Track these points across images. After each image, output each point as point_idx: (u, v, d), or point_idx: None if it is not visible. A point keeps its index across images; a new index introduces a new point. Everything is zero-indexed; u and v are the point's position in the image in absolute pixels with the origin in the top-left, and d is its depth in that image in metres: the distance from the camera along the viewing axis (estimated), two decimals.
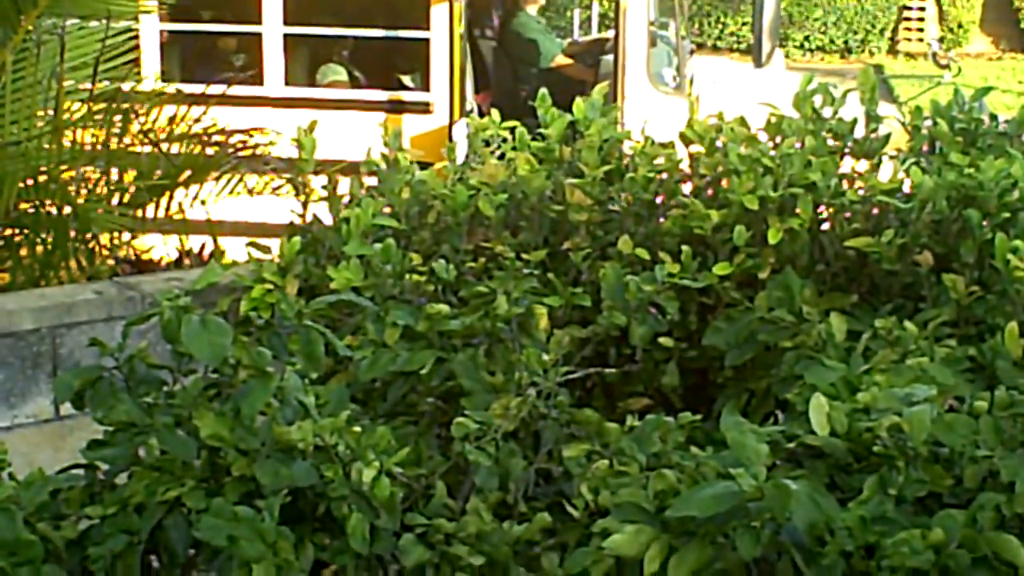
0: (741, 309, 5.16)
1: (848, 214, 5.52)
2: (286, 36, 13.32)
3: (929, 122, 6.21)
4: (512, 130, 6.37)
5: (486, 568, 3.73)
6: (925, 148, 6.18)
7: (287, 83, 13.28)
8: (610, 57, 13.44)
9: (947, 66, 19.92)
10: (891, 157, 6.01)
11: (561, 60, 14.58)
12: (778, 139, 5.98)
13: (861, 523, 3.32)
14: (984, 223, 5.24)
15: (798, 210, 5.37)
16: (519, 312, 4.77)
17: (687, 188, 5.92)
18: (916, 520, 3.41)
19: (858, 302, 5.28)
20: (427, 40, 13.13)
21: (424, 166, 6.26)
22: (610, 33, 15.08)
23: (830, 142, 5.99)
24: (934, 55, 22.56)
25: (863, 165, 5.98)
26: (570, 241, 5.61)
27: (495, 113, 6.64)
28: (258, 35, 13.31)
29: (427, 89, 13.25)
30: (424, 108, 12.94)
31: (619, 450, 3.92)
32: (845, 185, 5.62)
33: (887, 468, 3.58)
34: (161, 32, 13.30)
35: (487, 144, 6.45)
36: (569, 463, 4.03)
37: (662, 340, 5.13)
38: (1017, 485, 3.50)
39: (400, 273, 5.11)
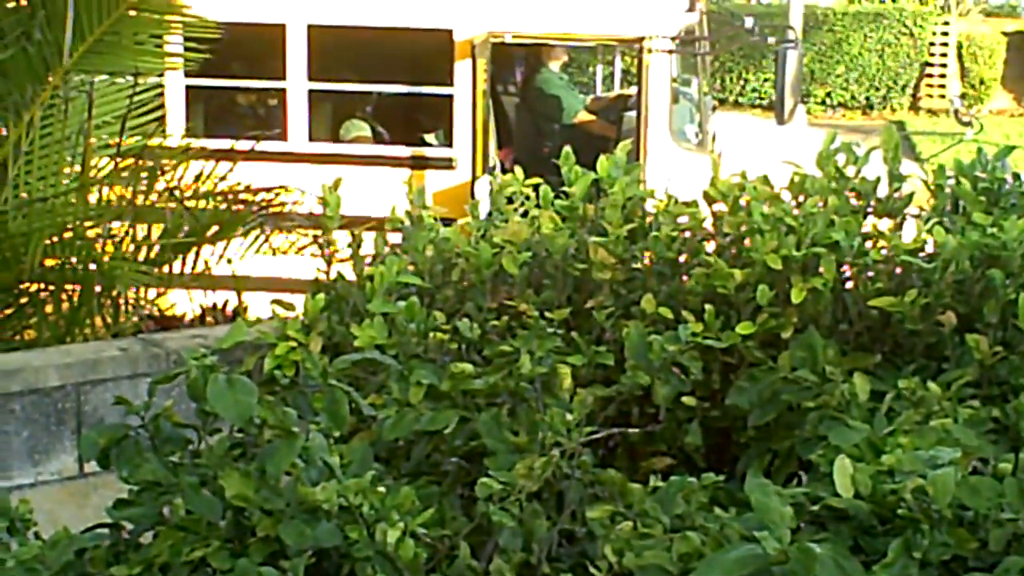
0: (764, 369, 5.15)
1: (871, 274, 5.53)
2: (311, 92, 13.41)
3: (952, 181, 6.22)
4: (536, 187, 6.39)
5: None
6: (948, 207, 6.19)
7: (311, 139, 13.35)
8: (632, 113, 13.50)
9: (969, 123, 19.91)
10: (914, 216, 6.02)
11: (584, 116, 14.63)
12: (801, 198, 5.98)
13: None
14: (1007, 283, 5.24)
15: (821, 269, 5.37)
16: (543, 371, 4.78)
17: (710, 247, 5.93)
18: None
19: (881, 362, 5.26)
20: (450, 96, 13.21)
21: (447, 222, 6.28)
22: (632, 89, 15.12)
23: (853, 201, 6.00)
24: (956, 112, 22.51)
25: (886, 224, 5.99)
26: (593, 300, 5.61)
27: (518, 169, 6.66)
28: (282, 90, 13.39)
29: (450, 145, 13.31)
30: (447, 164, 13.00)
31: (642, 511, 3.91)
32: (868, 244, 5.62)
33: (912, 531, 3.57)
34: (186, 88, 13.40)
35: (510, 201, 6.46)
36: (593, 524, 4.03)
37: (685, 400, 5.12)
38: None
39: (424, 331, 5.12)
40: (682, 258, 5.82)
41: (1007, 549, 3.55)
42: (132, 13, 7.61)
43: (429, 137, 14.07)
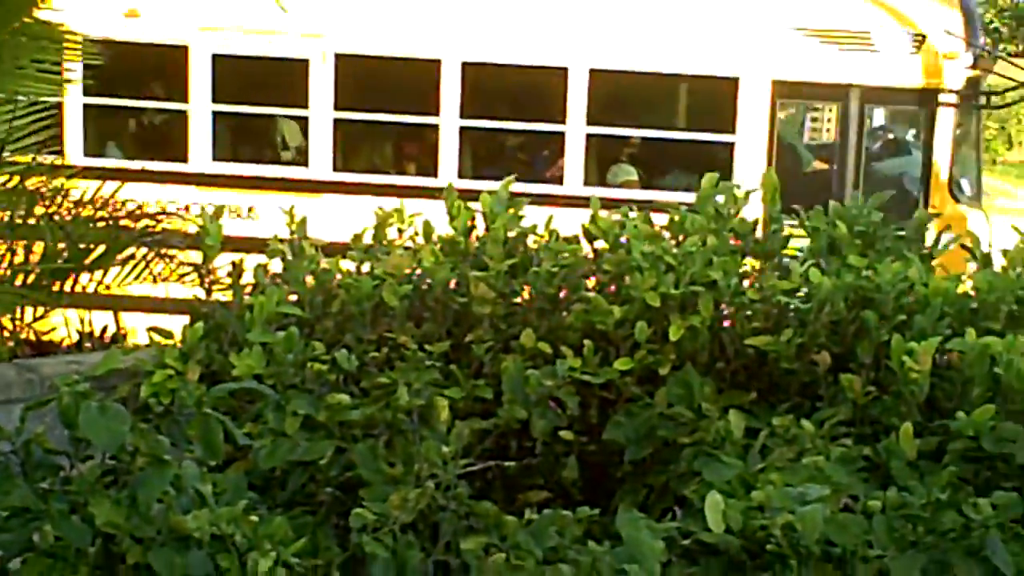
0: (641, 404, 5.19)
1: (748, 313, 5.56)
2: (588, 136, 13.41)
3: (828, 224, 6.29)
4: (424, 221, 6.37)
5: None
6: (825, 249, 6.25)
7: (585, 183, 13.30)
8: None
9: None
10: (791, 258, 6.06)
11: (817, 165, 14.68)
12: (681, 237, 6.01)
13: None
14: (881, 324, 5.31)
15: (699, 307, 5.41)
16: (420, 403, 4.78)
17: (591, 283, 5.94)
18: None
19: (757, 400, 5.30)
20: (731, 144, 13.28)
21: None
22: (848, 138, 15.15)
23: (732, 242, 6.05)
24: None
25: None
26: (473, 333, 5.60)
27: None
28: (561, 134, 13.35)
29: None
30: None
31: (516, 543, 3.92)
32: (746, 284, 5.67)
33: (780, 567, 3.62)
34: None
35: (400, 233, 6.43)
36: (467, 555, 4.03)
37: (562, 434, 5.14)
38: None
39: (302, 362, 5.09)
40: (562, 294, 5.82)
41: None
42: (15, 35, 7.51)
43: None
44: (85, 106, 13.21)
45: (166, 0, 13.43)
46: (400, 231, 6.43)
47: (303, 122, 13.51)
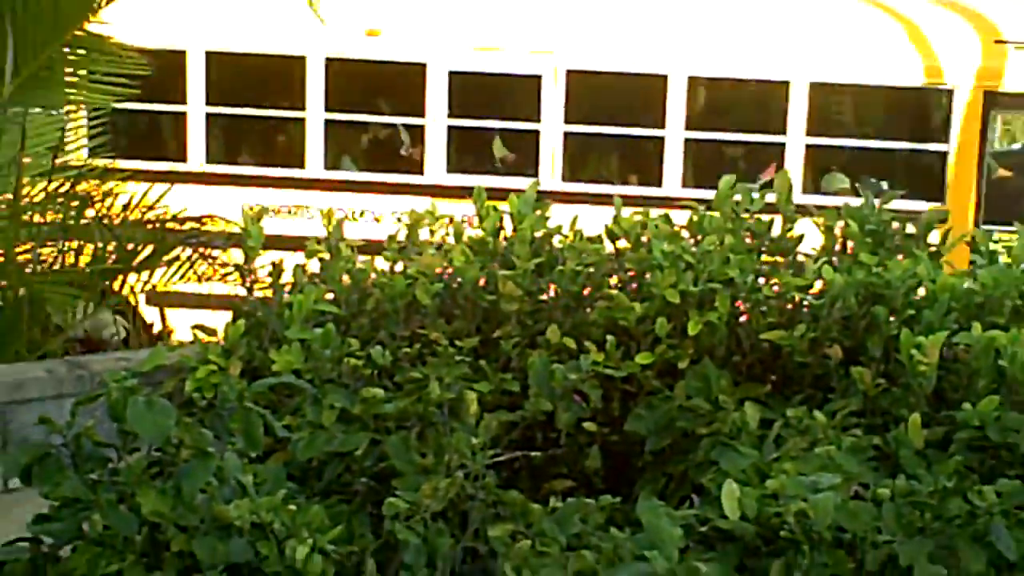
0: (661, 397, 5.20)
1: (763, 308, 5.56)
2: (807, 146, 13.59)
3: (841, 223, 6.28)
4: (450, 220, 6.39)
5: None
6: (837, 247, 6.24)
7: (803, 191, 13.43)
8: None
9: None
10: (805, 255, 6.06)
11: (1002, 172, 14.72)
12: (699, 236, 6.01)
13: None
14: (891, 319, 5.30)
15: (717, 304, 5.40)
16: (450, 397, 4.79)
17: (613, 281, 5.95)
18: None
19: (771, 392, 5.30)
20: (944, 153, 13.35)
21: None
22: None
23: (748, 240, 6.05)
24: None
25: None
26: (501, 330, 5.61)
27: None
28: (781, 145, 13.47)
29: (943, 200, 13.38)
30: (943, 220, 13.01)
31: (541, 530, 3.93)
32: (761, 281, 5.66)
33: (793, 552, 3.62)
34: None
35: (432, 233, 6.44)
36: (495, 542, 4.04)
37: (586, 425, 5.15)
38: (915, 570, 3.55)
39: (338, 358, 5.10)
40: (586, 291, 5.82)
41: (882, 571, 3.60)
42: (65, 50, 7.55)
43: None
44: (327, 122, 13.44)
45: (405, 20, 13.64)
46: (432, 232, 6.44)
47: (534, 136, 13.61)
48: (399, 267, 6.05)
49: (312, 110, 13.34)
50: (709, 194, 6.42)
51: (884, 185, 13.39)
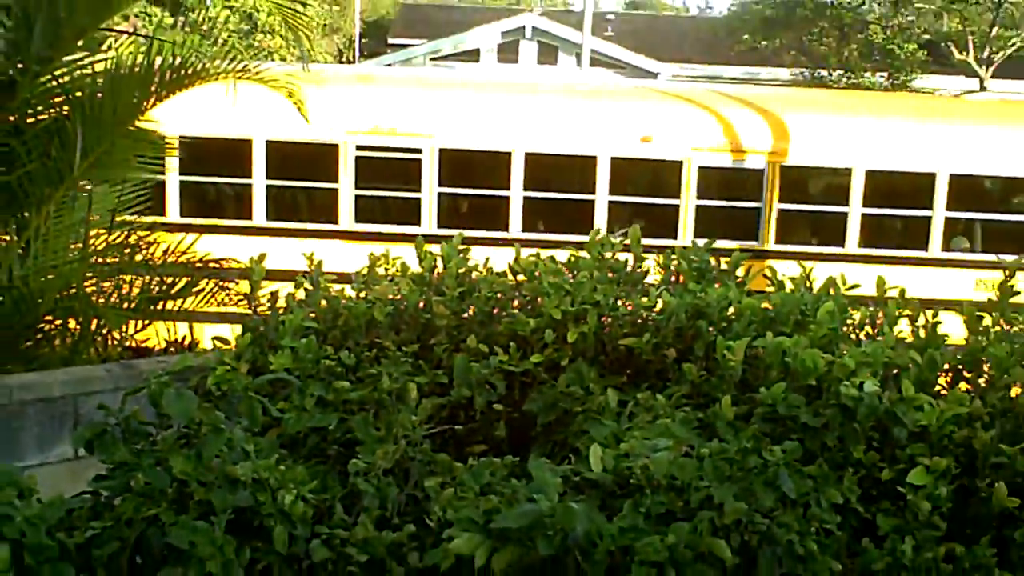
0: (548, 386, 5.22)
1: (621, 322, 5.60)
2: (947, 219, 14.00)
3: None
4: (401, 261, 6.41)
5: (369, 563, 3.72)
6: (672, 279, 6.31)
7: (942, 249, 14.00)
8: None
9: None
10: (649, 284, 6.11)
11: None
12: (575, 271, 6.06)
13: (620, 532, 3.37)
14: (710, 329, 5.36)
15: (587, 319, 5.44)
16: (397, 387, 4.78)
17: (515, 303, 5.98)
18: (658, 529, 3.46)
19: (626, 381, 5.33)
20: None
21: None
22: None
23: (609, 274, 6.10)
24: None
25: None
26: (435, 339, 5.62)
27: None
28: (927, 219, 14.04)
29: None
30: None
31: (462, 481, 3.93)
32: (619, 303, 5.71)
33: (639, 494, 3.63)
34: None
35: (385, 271, 6.44)
36: (429, 490, 4.04)
37: (496, 406, 5.17)
38: (725, 506, 3.57)
39: (317, 359, 5.08)
40: (495, 311, 5.85)
41: (701, 505, 3.63)
42: (123, 139, 7.52)
43: None
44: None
45: (669, 129, 14.12)
46: (386, 268, 6.45)
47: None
48: (363, 294, 6.05)
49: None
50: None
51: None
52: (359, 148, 13.72)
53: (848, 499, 4.05)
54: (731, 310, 5.53)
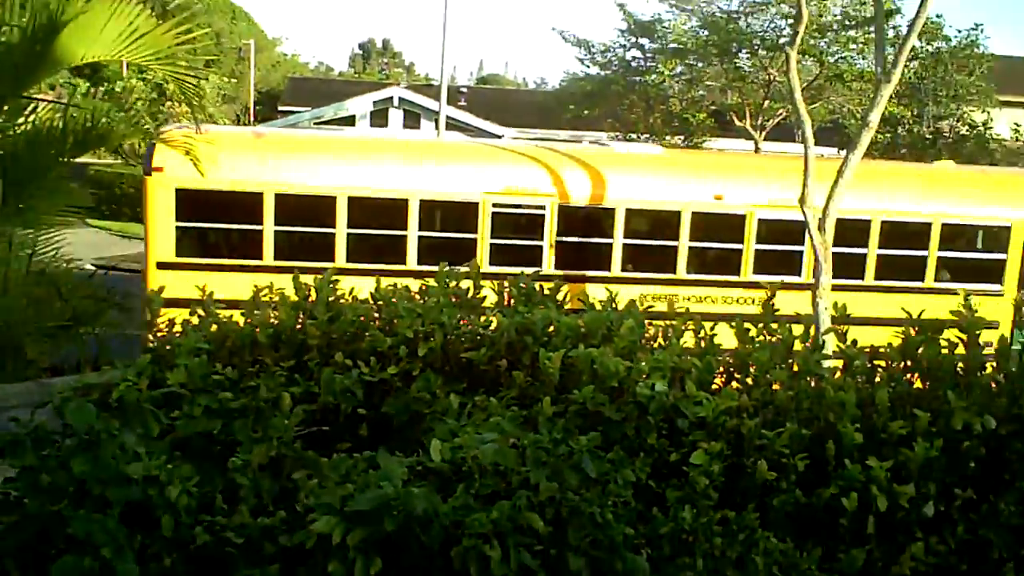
0: (403, 392, 5.18)
1: (463, 339, 5.60)
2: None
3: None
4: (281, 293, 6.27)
5: (246, 545, 3.63)
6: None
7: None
8: None
9: None
10: (486, 307, 6.13)
11: None
12: (426, 298, 6.04)
13: (453, 510, 3.36)
14: (534, 343, 5.40)
15: (434, 337, 5.43)
16: (274, 396, 4.69)
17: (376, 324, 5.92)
18: (485, 507, 3.46)
19: (467, 387, 5.32)
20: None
21: None
22: None
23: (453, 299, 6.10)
24: None
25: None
26: (308, 355, 5.54)
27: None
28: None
29: None
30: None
31: (325, 473, 3.88)
32: (463, 322, 5.71)
33: (470, 478, 3.63)
34: None
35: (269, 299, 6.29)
36: (298, 482, 3.98)
37: (359, 410, 5.11)
38: (540, 486, 3.60)
39: (206, 375, 4.95)
40: (359, 331, 5.78)
41: (521, 487, 3.64)
42: (40, 191, 7.25)
43: None
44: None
45: (738, 189, 15.04)
46: (270, 298, 6.32)
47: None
48: (248, 320, 5.92)
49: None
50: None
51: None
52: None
53: (639, 477, 4.12)
54: (552, 327, 5.59)
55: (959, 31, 35.40)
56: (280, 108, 45.41)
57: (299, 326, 5.79)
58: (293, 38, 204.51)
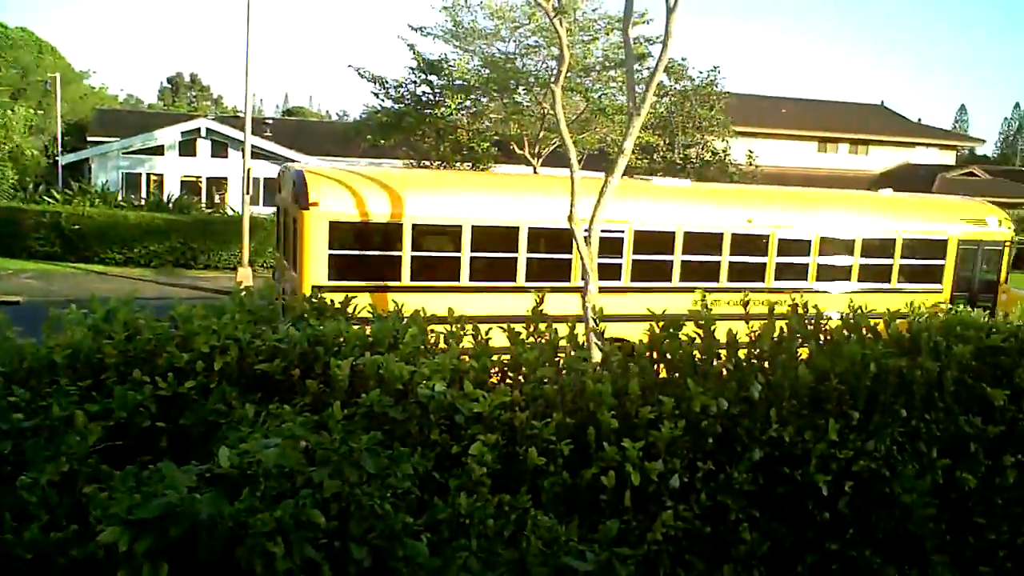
0: (200, 403, 4.95)
1: (258, 352, 5.40)
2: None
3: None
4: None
5: (35, 560, 3.37)
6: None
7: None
8: None
9: None
10: (284, 321, 5.95)
11: None
12: (225, 315, 5.80)
13: (238, 512, 3.25)
14: (325, 352, 5.27)
15: (230, 351, 5.23)
16: (67, 414, 4.39)
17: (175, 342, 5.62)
18: (270, 508, 3.35)
19: (263, 397, 5.13)
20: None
21: None
22: None
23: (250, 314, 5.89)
24: None
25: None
26: (105, 374, 5.20)
27: None
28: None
29: None
30: None
31: (113, 485, 3.63)
32: (259, 339, 5.49)
33: (254, 481, 3.51)
34: None
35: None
36: (90, 495, 3.68)
37: (158, 423, 4.84)
38: (324, 484, 3.51)
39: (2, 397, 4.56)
40: (158, 349, 5.48)
41: (305, 486, 3.53)
42: None
43: None
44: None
45: (763, 213, 16.65)
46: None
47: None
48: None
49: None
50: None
51: None
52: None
53: (418, 470, 4.10)
54: (341, 338, 5.50)
55: (700, 72, 37.61)
56: (89, 139, 42.89)
57: (99, 348, 5.43)
58: (101, 71, 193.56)
